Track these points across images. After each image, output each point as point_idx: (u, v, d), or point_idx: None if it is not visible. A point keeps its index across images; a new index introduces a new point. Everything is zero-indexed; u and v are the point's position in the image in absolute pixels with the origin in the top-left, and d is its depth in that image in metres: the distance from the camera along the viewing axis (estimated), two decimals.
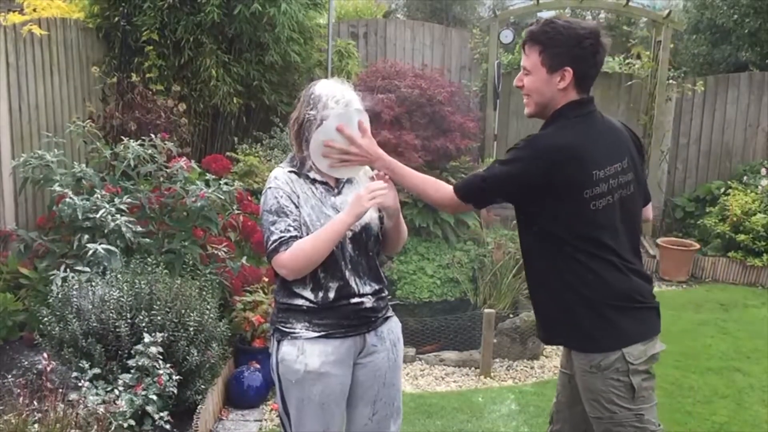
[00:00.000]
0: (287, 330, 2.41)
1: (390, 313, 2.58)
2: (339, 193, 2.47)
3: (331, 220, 2.34)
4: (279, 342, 2.43)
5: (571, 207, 2.31)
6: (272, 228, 2.34)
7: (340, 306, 2.40)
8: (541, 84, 2.38)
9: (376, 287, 2.49)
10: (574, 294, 2.35)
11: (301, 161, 2.46)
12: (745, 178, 7.91)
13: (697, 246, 7.24)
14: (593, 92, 2.47)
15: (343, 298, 2.40)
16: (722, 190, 7.77)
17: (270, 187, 2.40)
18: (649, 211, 2.69)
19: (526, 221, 2.45)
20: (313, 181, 2.44)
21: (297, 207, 2.37)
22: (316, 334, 2.38)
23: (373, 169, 2.49)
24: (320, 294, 2.39)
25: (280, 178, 2.41)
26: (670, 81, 8.04)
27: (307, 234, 2.35)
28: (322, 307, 2.39)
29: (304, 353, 2.37)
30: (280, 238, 2.31)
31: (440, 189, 2.46)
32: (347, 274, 2.40)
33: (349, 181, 2.52)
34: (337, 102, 2.38)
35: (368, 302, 2.45)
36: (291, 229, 2.33)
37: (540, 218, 2.38)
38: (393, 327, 2.57)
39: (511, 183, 2.35)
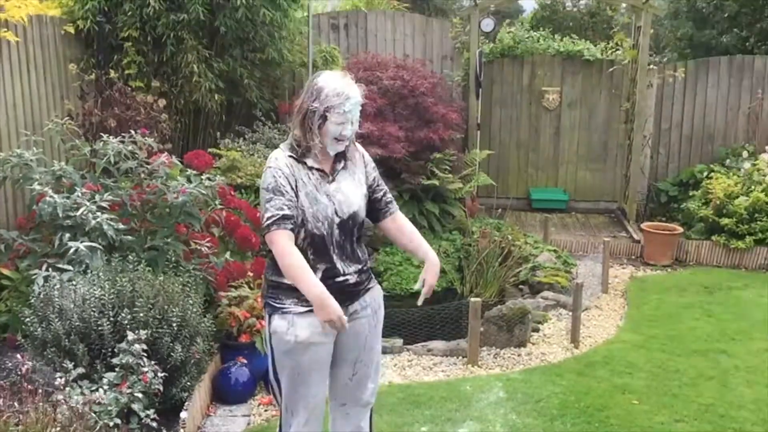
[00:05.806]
0: (277, 305, 2.57)
1: (372, 283, 2.73)
2: (333, 180, 2.59)
3: (311, 282, 2.42)
4: (270, 316, 2.59)
5: None
6: (267, 206, 2.47)
7: (326, 286, 2.50)
8: None
9: (359, 267, 2.65)
10: None
11: (305, 148, 2.54)
12: (727, 161, 7.96)
13: (681, 230, 7.27)
14: (577, 77, 2.47)
15: (329, 278, 2.55)
16: (705, 173, 7.82)
17: (270, 167, 2.53)
18: None
19: None
20: (310, 168, 2.55)
21: (294, 189, 2.50)
22: (304, 309, 2.52)
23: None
24: None
25: (280, 160, 2.54)
26: (651, 66, 8.07)
27: (302, 218, 2.50)
28: None
29: (294, 326, 2.53)
30: (273, 215, 2.45)
31: None
32: (334, 257, 2.56)
33: (345, 167, 2.63)
34: (338, 95, 2.48)
35: (352, 279, 2.62)
36: (285, 207, 2.46)
37: None
38: (376, 295, 2.74)
39: None
